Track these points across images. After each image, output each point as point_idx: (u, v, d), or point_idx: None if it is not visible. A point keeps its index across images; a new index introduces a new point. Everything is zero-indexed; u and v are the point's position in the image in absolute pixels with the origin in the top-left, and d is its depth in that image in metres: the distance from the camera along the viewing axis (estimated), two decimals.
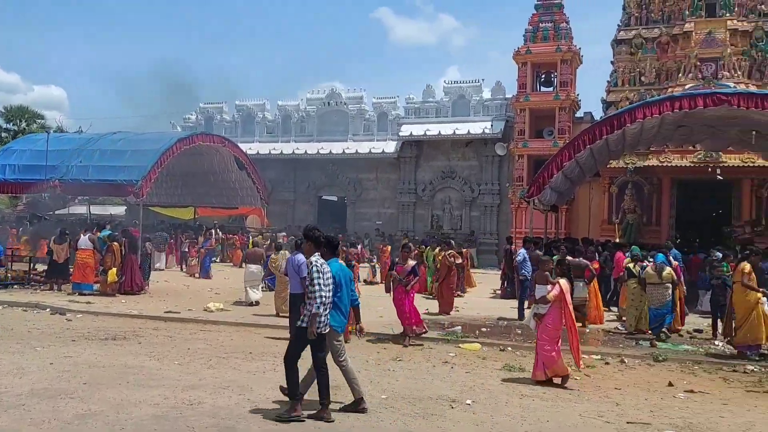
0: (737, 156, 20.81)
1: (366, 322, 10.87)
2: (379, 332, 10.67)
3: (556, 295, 7.77)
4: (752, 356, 9.38)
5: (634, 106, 16.35)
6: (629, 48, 24.16)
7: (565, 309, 7.81)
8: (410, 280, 10.55)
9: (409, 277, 10.57)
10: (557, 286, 7.87)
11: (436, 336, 10.84)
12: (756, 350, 9.47)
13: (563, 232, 24.00)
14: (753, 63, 22.53)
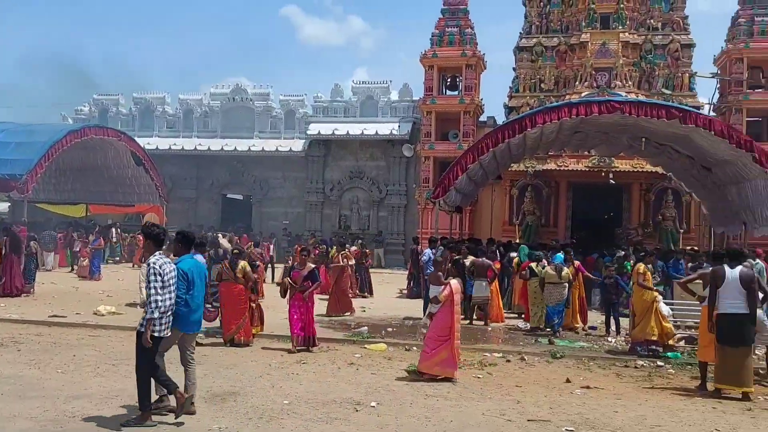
0: (628, 162, 21.99)
1: (271, 325, 10.66)
2: (283, 335, 10.36)
3: (446, 296, 7.91)
4: (642, 352, 9.85)
5: (535, 111, 16.91)
6: (530, 55, 25.04)
7: (452, 308, 7.90)
8: (308, 287, 9.59)
9: (306, 283, 9.59)
10: (448, 286, 7.97)
11: (342, 337, 10.70)
12: (645, 346, 9.94)
13: (467, 232, 24.53)
14: (642, 74, 23.95)
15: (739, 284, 7.44)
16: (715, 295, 7.59)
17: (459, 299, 8.14)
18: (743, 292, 7.43)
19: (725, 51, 24.82)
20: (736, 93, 23.85)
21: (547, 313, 11.84)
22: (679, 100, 21.40)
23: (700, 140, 15.75)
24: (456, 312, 7.97)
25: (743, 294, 7.44)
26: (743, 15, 24.25)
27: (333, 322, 12.34)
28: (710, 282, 7.77)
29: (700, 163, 17.87)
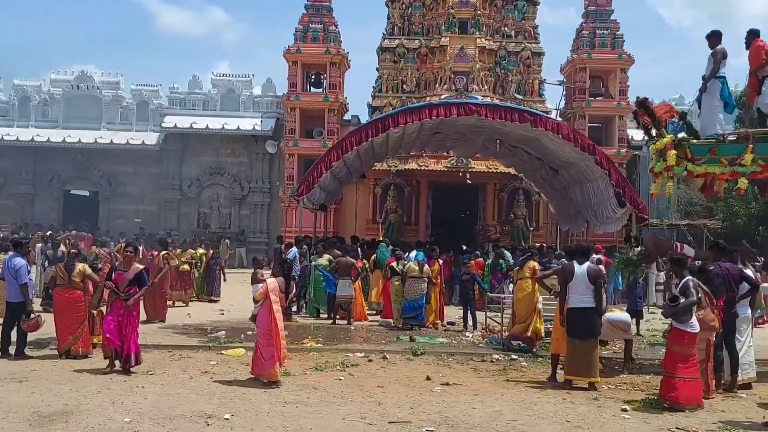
0: (483, 162, 22.91)
1: None
2: None
3: (261, 293, 7.69)
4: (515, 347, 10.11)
5: (397, 111, 17.07)
6: (393, 56, 25.36)
7: (271, 308, 7.62)
8: (132, 292, 8.08)
9: (131, 289, 8.09)
10: (264, 285, 7.76)
11: (196, 343, 10.04)
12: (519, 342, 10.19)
13: (332, 230, 24.36)
14: (497, 79, 25.11)
15: (587, 279, 7.80)
16: (565, 290, 7.94)
17: (278, 298, 7.75)
18: (590, 287, 7.79)
19: (570, 61, 26.72)
20: (580, 100, 25.73)
21: (404, 306, 11.98)
22: (530, 104, 22.61)
23: (549, 143, 16.73)
24: (275, 311, 7.64)
25: (590, 289, 7.79)
26: (586, 27, 26.23)
27: (188, 327, 11.60)
28: (560, 277, 8.14)
29: (549, 165, 19.02)
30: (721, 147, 8.55)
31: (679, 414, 6.62)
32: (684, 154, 8.53)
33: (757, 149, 8.35)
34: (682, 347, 6.98)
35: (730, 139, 8.75)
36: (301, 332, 11.47)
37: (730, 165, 8.47)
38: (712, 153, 8.50)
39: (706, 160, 8.53)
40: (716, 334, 7.59)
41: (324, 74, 26.18)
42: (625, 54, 25.67)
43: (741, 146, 8.46)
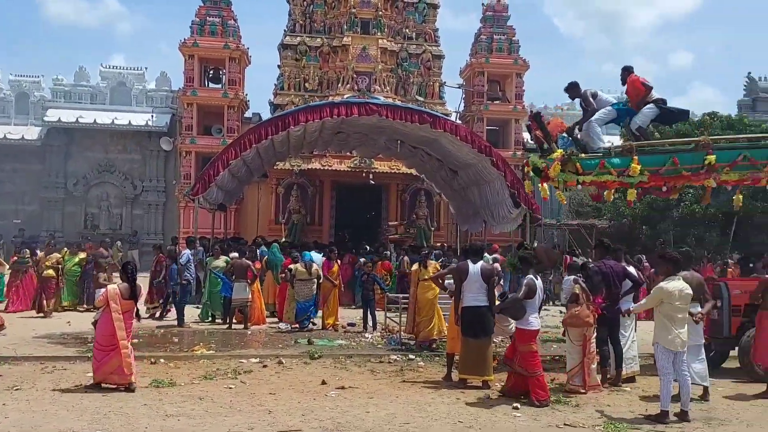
0: (386, 163, 22.98)
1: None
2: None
3: (100, 301, 7.40)
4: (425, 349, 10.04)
5: (298, 109, 16.79)
6: (295, 54, 24.93)
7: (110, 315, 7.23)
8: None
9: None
10: (104, 291, 7.41)
11: (73, 354, 9.28)
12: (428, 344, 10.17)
13: (232, 231, 23.62)
14: (399, 80, 25.26)
15: (480, 278, 7.85)
16: (460, 289, 7.95)
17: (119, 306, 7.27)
18: (484, 286, 7.84)
19: (469, 64, 27.34)
20: (478, 103, 26.37)
21: (297, 309, 11.85)
22: (430, 106, 22.90)
23: (448, 144, 16.98)
24: (116, 319, 7.20)
25: (484, 288, 7.84)
26: (484, 32, 26.92)
27: (66, 337, 10.74)
28: (455, 277, 8.16)
29: (448, 166, 19.33)
30: (608, 159, 8.99)
31: (566, 410, 6.76)
32: (575, 168, 8.89)
33: (642, 161, 8.84)
34: (529, 345, 7.16)
35: (617, 151, 9.20)
36: (192, 339, 10.93)
37: (618, 176, 8.92)
38: (601, 166, 8.93)
39: (596, 173, 8.93)
40: (599, 329, 7.87)
41: (223, 69, 25.35)
42: (521, 59, 26.56)
43: (627, 159, 8.91)
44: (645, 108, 9.33)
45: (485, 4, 27.41)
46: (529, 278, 7.34)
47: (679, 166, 8.92)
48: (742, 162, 8.92)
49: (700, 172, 8.95)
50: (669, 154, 9.08)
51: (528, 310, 7.26)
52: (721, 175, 8.99)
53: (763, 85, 31.51)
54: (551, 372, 8.68)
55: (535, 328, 7.34)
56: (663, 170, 8.94)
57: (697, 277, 7.68)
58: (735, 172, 8.97)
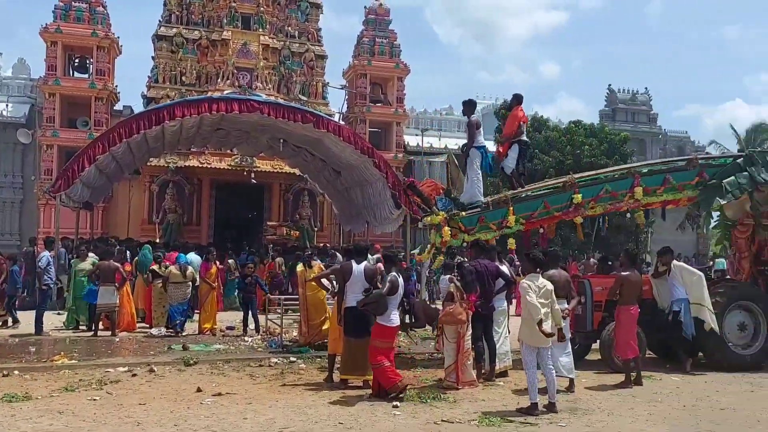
0: (269, 162, 22.59)
1: None
2: None
3: None
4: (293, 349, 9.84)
5: (174, 103, 16.02)
6: (170, 45, 23.87)
7: None
8: None
9: None
10: None
11: None
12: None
13: (99, 231, 22.13)
14: (281, 78, 24.91)
15: (363, 279, 7.83)
16: (343, 289, 7.90)
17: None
18: (366, 286, 7.82)
19: (352, 66, 27.51)
20: (361, 105, 26.59)
21: (170, 312, 11.41)
22: (314, 106, 22.74)
23: (331, 145, 16.92)
24: None
25: (366, 287, 7.80)
26: (367, 35, 27.20)
27: None
28: (338, 277, 8.08)
29: (332, 167, 19.27)
30: (487, 214, 9.49)
31: (444, 406, 6.91)
32: (457, 226, 9.28)
33: (516, 210, 9.41)
34: (386, 341, 7.26)
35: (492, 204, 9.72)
36: (53, 348, 10.07)
37: (498, 229, 9.44)
38: (481, 221, 9.41)
39: (477, 229, 9.38)
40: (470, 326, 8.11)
41: (90, 58, 23.78)
42: (402, 63, 27.10)
43: (503, 210, 9.44)
44: (511, 152, 10.08)
45: (367, 8, 27.71)
46: (392, 275, 7.41)
47: (550, 209, 9.63)
48: (604, 195, 9.79)
49: (568, 210, 9.66)
50: (540, 199, 9.81)
51: (389, 306, 7.31)
52: (587, 210, 9.77)
53: (622, 97, 34.35)
54: (430, 369, 8.88)
55: (395, 325, 7.41)
56: (536, 214, 9.66)
57: (564, 275, 8.13)
58: (599, 205, 9.81)
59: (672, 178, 10.05)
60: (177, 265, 11.78)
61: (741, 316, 9.50)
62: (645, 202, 9.97)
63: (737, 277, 10.86)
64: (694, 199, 10.30)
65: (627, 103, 34.07)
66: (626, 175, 10.11)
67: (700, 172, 10.07)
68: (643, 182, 9.94)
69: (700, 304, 8.96)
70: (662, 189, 9.97)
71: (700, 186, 10.04)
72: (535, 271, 7.07)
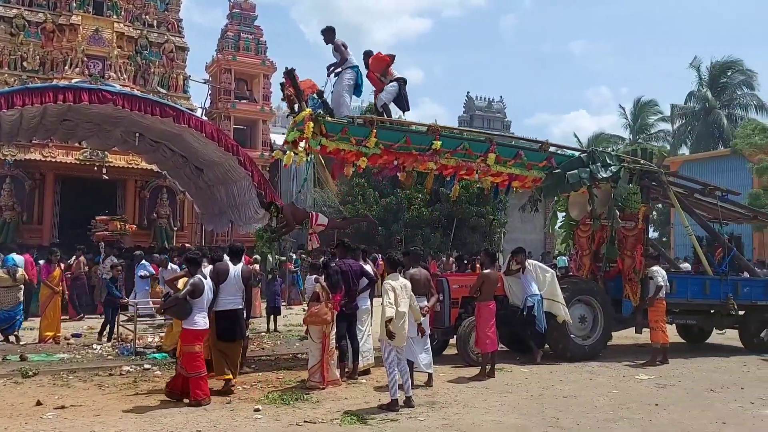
0: (123, 157, 21.24)
1: None
2: None
3: None
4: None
5: (13, 90, 14.42)
6: (10, 27, 21.70)
7: None
8: None
9: None
10: None
11: None
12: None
13: None
14: (138, 69, 23.54)
15: (240, 281, 7.68)
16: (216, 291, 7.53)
17: None
18: (242, 288, 7.69)
19: (216, 61, 26.65)
20: (225, 101, 25.82)
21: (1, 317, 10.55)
22: (174, 100, 21.75)
23: (193, 141, 16.20)
24: None
25: (242, 290, 7.71)
26: (231, 29, 26.47)
27: None
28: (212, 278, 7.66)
29: (193, 163, 18.46)
30: (351, 128, 9.40)
31: (307, 407, 6.87)
32: (319, 129, 9.11)
33: (380, 135, 9.42)
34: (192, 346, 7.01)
35: (359, 122, 9.65)
36: None
37: (357, 145, 9.38)
38: (343, 132, 9.30)
39: (338, 138, 9.26)
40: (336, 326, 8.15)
41: None
42: (269, 61, 26.69)
43: (367, 129, 9.41)
44: (389, 86, 10.04)
45: (232, 1, 26.98)
46: (197, 278, 7.18)
47: (410, 145, 9.74)
48: (461, 150, 10.07)
49: (426, 153, 9.84)
50: (404, 133, 9.87)
51: (194, 309, 7.04)
52: (442, 159, 9.98)
53: (479, 104, 36.24)
54: (294, 370, 8.80)
55: (201, 328, 7.09)
56: (396, 146, 9.69)
57: (424, 273, 8.39)
58: (454, 159, 10.05)
59: (524, 155, 10.58)
60: (5, 268, 10.87)
61: (582, 309, 10.37)
62: (495, 170, 10.36)
63: (578, 273, 11.85)
64: (538, 181, 10.85)
65: (483, 109, 36.01)
66: (485, 141, 10.52)
67: (549, 157, 10.71)
68: (498, 151, 10.32)
69: (553, 300, 9.67)
70: (513, 162, 10.45)
71: (546, 170, 10.70)
72: (395, 271, 7.24)
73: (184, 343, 7.09)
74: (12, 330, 10.65)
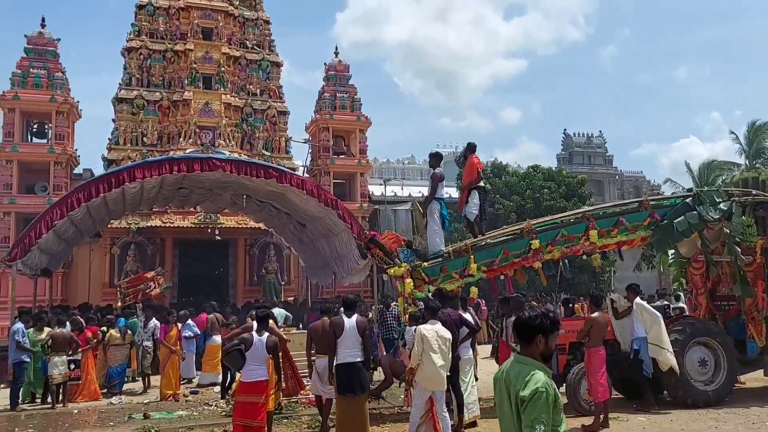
0: (233, 218, 22.49)
1: None
2: None
3: None
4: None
5: (134, 164, 15.89)
6: (131, 108, 23.92)
7: None
8: None
9: None
10: None
11: None
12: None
13: (58, 298, 21.56)
14: (244, 135, 25.09)
15: (356, 332, 7.62)
16: (334, 345, 7.61)
17: None
18: (360, 340, 7.63)
19: (314, 120, 27.89)
20: (324, 157, 26.84)
21: (108, 374, 11.73)
22: (277, 161, 22.93)
23: (295, 198, 16.96)
24: None
25: (360, 342, 7.64)
26: (327, 90, 27.70)
27: None
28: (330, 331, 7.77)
29: (296, 219, 19.26)
30: (449, 263, 9.58)
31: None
32: (421, 277, 9.38)
33: (477, 257, 9.55)
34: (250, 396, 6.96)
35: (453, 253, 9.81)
36: (7, 425, 9.66)
37: (461, 278, 9.54)
38: (443, 271, 9.51)
39: (441, 279, 9.47)
40: None
41: (49, 123, 23.63)
42: (363, 116, 27.58)
43: (464, 258, 9.56)
44: (472, 199, 10.22)
45: (327, 64, 28.31)
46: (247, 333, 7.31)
47: (509, 255, 9.77)
48: (561, 239, 9.97)
49: (527, 256, 9.83)
50: (500, 246, 9.93)
51: (248, 361, 7.05)
52: (545, 255, 9.93)
53: (577, 141, 35.39)
54: (399, 423, 8.75)
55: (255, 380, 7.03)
56: (497, 261, 9.76)
57: None
58: (556, 249, 9.97)
59: (625, 220, 10.31)
60: (117, 328, 12.23)
61: (701, 352, 9.65)
62: (600, 244, 10.20)
63: (695, 313, 11.09)
64: (647, 239, 10.54)
65: (582, 146, 35.09)
66: (581, 219, 10.36)
67: (652, 213, 10.36)
68: (598, 225, 10.18)
69: (659, 345, 9.10)
70: (616, 231, 10.22)
71: (652, 226, 10.31)
72: (434, 318, 7.24)
73: (239, 393, 7.18)
74: (121, 386, 11.62)
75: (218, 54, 24.66)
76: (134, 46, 24.40)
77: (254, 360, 7.05)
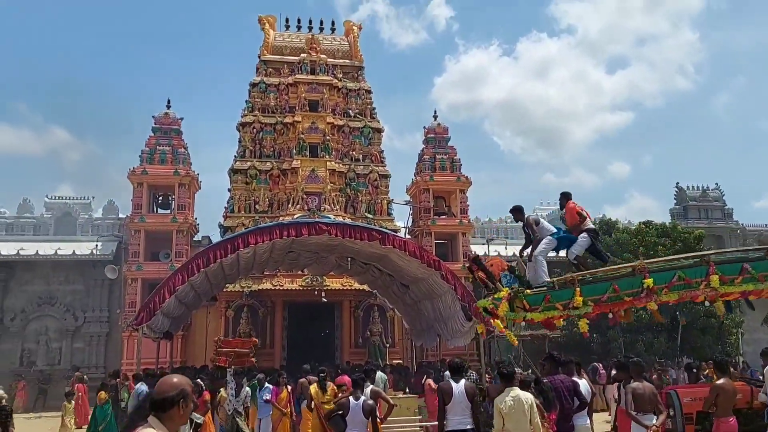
0: (338, 280, 22.94)
1: None
2: None
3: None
4: None
5: (248, 231, 16.80)
6: (245, 178, 25.43)
7: None
8: None
9: None
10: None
11: None
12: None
13: (178, 360, 22.68)
14: (348, 199, 25.88)
15: (465, 398, 7.42)
16: (444, 411, 7.45)
17: None
18: (469, 406, 7.42)
19: (415, 182, 28.33)
20: (425, 218, 27.06)
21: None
22: (379, 223, 23.37)
23: (398, 260, 17.16)
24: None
25: (469, 408, 7.42)
26: (427, 153, 28.19)
27: None
28: (438, 398, 7.68)
29: (399, 281, 19.39)
30: (552, 293, 9.23)
31: None
32: (522, 304, 9.10)
33: (584, 291, 9.12)
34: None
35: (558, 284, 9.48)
36: None
37: (564, 309, 9.14)
38: (546, 300, 9.14)
39: (542, 308, 9.13)
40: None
41: (172, 195, 25.51)
42: (463, 177, 27.71)
43: (570, 290, 9.17)
44: (580, 238, 9.81)
45: (426, 128, 28.94)
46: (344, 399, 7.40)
47: (620, 293, 9.19)
48: (677, 282, 9.29)
49: (640, 296, 9.23)
50: (609, 282, 9.39)
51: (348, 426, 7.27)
52: (660, 297, 9.27)
53: (691, 194, 33.52)
54: None
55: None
56: (605, 298, 9.18)
57: (649, 387, 7.70)
58: (673, 292, 9.28)
59: (750, 268, 9.48)
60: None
61: None
62: (722, 291, 9.35)
63: None
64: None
65: (698, 199, 33.20)
66: (700, 263, 9.61)
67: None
68: (719, 270, 9.37)
69: None
70: (740, 279, 9.38)
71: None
72: (509, 386, 6.95)
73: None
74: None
75: (323, 124, 25.93)
76: (248, 120, 26.17)
77: (354, 425, 7.22)
